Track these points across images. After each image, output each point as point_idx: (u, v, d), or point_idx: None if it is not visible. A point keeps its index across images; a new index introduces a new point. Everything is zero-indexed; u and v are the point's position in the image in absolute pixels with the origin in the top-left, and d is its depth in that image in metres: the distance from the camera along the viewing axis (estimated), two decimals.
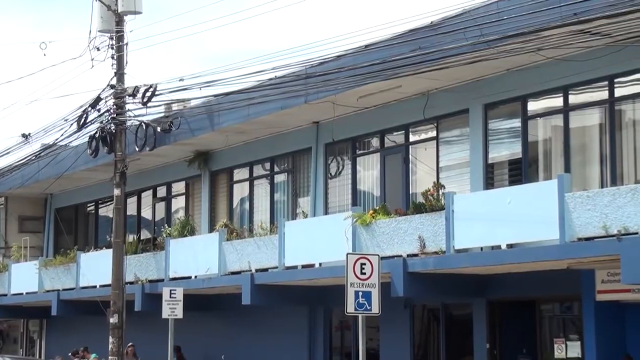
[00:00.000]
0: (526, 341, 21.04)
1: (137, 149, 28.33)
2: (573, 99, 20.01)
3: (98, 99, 27.95)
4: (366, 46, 21.52)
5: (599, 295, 18.69)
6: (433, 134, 23.09)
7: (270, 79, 23.75)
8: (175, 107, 28.42)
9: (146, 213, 34.04)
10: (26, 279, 35.63)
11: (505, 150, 21.41)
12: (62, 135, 29.23)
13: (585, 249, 17.23)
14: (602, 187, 18.69)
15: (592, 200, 17.16)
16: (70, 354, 32.22)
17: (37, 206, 40.28)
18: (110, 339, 27.47)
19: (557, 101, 20.33)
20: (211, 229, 29.11)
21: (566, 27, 17.53)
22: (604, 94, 19.37)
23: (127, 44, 27.65)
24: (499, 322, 21.48)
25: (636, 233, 16.24)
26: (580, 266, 18.40)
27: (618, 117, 19.18)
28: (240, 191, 29.56)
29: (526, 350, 21.10)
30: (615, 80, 19.09)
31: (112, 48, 27.60)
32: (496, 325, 21.47)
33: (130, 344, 27.50)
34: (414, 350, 23.48)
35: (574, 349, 19.72)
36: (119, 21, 27.51)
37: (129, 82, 27.58)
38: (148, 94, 26.77)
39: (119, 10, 27.38)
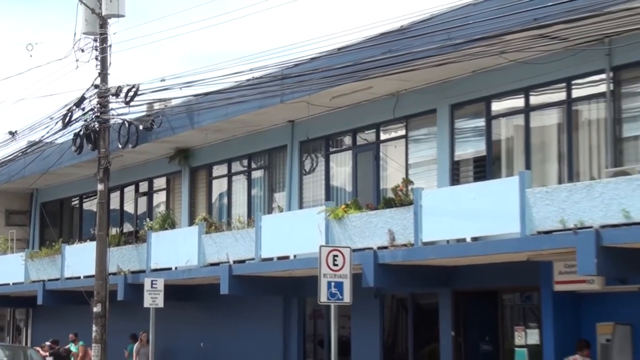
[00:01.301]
0: (488, 329, 21.13)
1: (120, 146, 28.18)
2: (533, 99, 20.11)
3: (82, 98, 27.89)
4: (339, 49, 21.60)
5: (557, 285, 18.75)
6: (402, 132, 23.16)
7: (248, 80, 23.75)
8: (156, 106, 28.36)
9: (129, 207, 34.03)
10: (13, 270, 35.60)
11: (471, 148, 21.49)
12: (47, 132, 29.18)
13: (544, 242, 17.35)
14: (559, 183, 18.77)
15: (551, 196, 17.28)
16: (49, 342, 32.20)
17: (23, 200, 40.21)
18: (94, 327, 27.50)
19: (518, 102, 20.42)
20: (191, 222, 29.17)
21: (527, 32, 17.64)
22: (562, 95, 19.51)
23: (110, 45, 27.60)
24: (464, 311, 21.53)
25: (591, 227, 16.34)
26: (539, 258, 18.48)
27: (575, 117, 19.32)
28: (218, 186, 29.61)
29: (488, 338, 21.18)
30: (573, 82, 19.22)
31: (96, 50, 27.52)
32: (461, 314, 21.52)
33: (143, 331, 27.42)
34: (383, 338, 23.56)
35: (533, 336, 19.79)
36: (103, 24, 27.46)
37: (113, 82, 27.53)
38: (131, 93, 26.71)
39: (103, 14, 27.33)
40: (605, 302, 18.78)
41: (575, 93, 19.27)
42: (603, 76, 18.56)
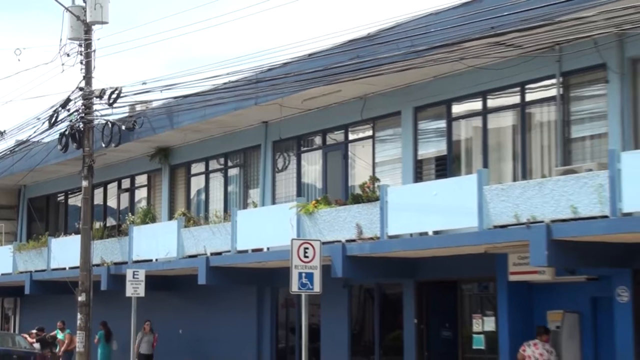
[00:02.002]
0: (449, 317, 21.27)
1: (103, 145, 28.18)
2: (490, 103, 20.22)
3: (68, 100, 27.82)
4: (310, 55, 21.67)
5: (511, 276, 18.89)
6: (369, 133, 23.26)
7: (224, 83, 23.81)
8: (138, 107, 28.31)
9: (112, 202, 33.99)
10: (2, 261, 35.55)
11: (433, 148, 21.57)
12: (34, 132, 29.07)
13: (500, 235, 17.45)
14: (514, 180, 18.90)
15: (506, 193, 17.37)
16: (35, 329, 32.17)
17: (11, 196, 40.03)
18: (79, 316, 27.51)
19: (477, 105, 20.55)
20: (170, 217, 29.19)
21: (484, 40, 17.73)
22: (516, 99, 19.64)
23: (94, 50, 27.56)
24: (426, 300, 21.64)
25: (542, 221, 16.47)
26: (496, 250, 18.61)
27: (528, 119, 19.44)
28: (197, 183, 29.62)
29: (448, 325, 21.31)
30: (526, 86, 19.35)
31: (81, 54, 27.45)
32: (423, 302, 21.63)
33: (147, 320, 27.35)
34: (351, 325, 23.68)
35: (489, 323, 20.01)
36: (88, 30, 27.43)
37: (97, 85, 27.45)
38: (114, 95, 26.67)
39: (88, 20, 27.32)
40: (555, 291, 18.99)
41: (529, 97, 19.41)
42: (553, 81, 18.71)
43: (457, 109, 21.04)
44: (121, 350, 30.12)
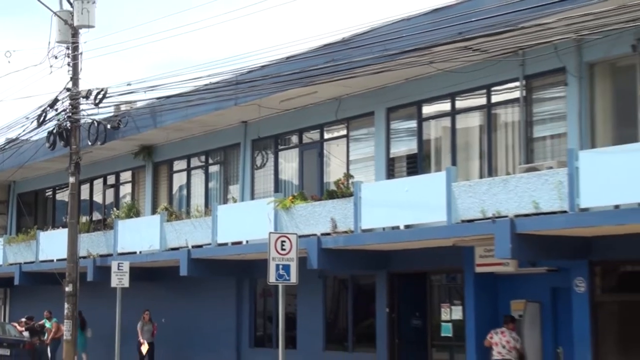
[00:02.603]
0: (418, 306, 21.34)
1: (89, 143, 28.04)
2: (458, 104, 20.31)
3: (56, 100, 27.67)
4: (287, 58, 21.66)
5: (478, 267, 18.98)
6: (344, 132, 23.31)
7: (206, 85, 23.72)
8: (123, 107, 28.14)
9: (97, 198, 33.85)
10: None
11: (404, 147, 21.64)
12: (24, 130, 28.85)
13: (467, 229, 17.54)
14: (480, 178, 18.98)
15: (473, 189, 17.48)
16: (24, 318, 32.07)
17: (1, 191, 39.64)
18: (66, 305, 27.38)
19: (446, 106, 20.61)
20: (154, 211, 29.12)
21: (453, 44, 17.79)
22: (483, 100, 19.73)
23: (81, 53, 27.41)
24: (397, 290, 21.69)
25: (506, 216, 16.57)
26: (463, 244, 18.67)
27: (494, 120, 19.55)
28: (179, 180, 29.58)
29: (418, 314, 21.39)
30: (492, 88, 19.45)
31: (68, 57, 27.27)
32: (394, 293, 21.69)
33: (146, 310, 27.14)
34: (326, 314, 23.74)
35: (457, 312, 20.12)
36: (75, 33, 27.27)
37: (83, 86, 27.25)
38: (99, 96, 26.48)
39: (75, 24, 27.15)
40: (518, 282, 19.13)
41: (494, 98, 19.51)
42: (517, 84, 18.83)
43: (427, 109, 21.11)
44: (96, 338, 30.17)
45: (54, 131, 28.05)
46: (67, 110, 27.48)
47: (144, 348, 25.51)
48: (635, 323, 17.01)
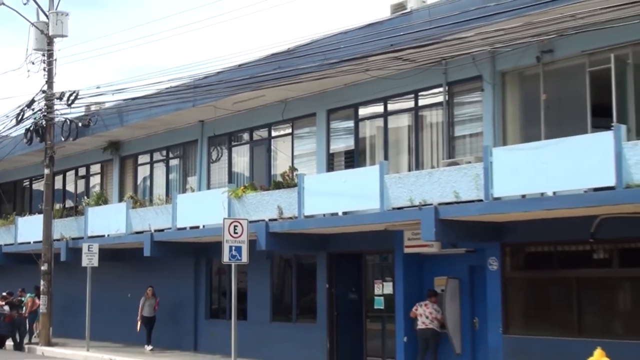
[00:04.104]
0: (355, 282, 21.37)
1: (62, 139, 27.83)
2: (390, 107, 20.31)
3: (32, 101, 27.54)
4: (239, 65, 21.61)
5: (406, 249, 19.01)
6: (289, 130, 23.24)
7: (167, 88, 23.63)
8: (93, 107, 28.01)
9: (70, 187, 33.42)
10: None
11: (342, 144, 21.61)
12: (4, 127, 28.90)
13: (397, 215, 17.55)
14: (409, 170, 19.05)
15: (402, 181, 17.51)
16: (4, 294, 31.59)
17: None
18: (42, 282, 27.33)
19: (379, 108, 20.63)
20: (120, 199, 28.86)
21: (385, 54, 17.89)
22: (411, 104, 19.75)
23: (55, 59, 27.34)
24: (335, 268, 21.68)
25: (431, 204, 16.65)
26: (394, 228, 18.69)
27: (420, 120, 19.59)
28: (143, 172, 29.33)
29: (354, 289, 21.42)
30: (419, 93, 19.48)
31: (44, 62, 27.22)
32: (333, 271, 21.67)
33: (150, 286, 26.27)
34: (273, 289, 23.68)
35: (388, 287, 20.17)
36: (50, 42, 27.15)
37: (57, 88, 27.35)
38: (72, 97, 26.47)
39: (50, 34, 27.04)
40: (441, 261, 19.20)
41: (421, 102, 19.53)
42: (441, 89, 18.88)
43: (363, 111, 21.13)
44: (68, 310, 29.92)
45: (31, 128, 27.94)
46: (43, 110, 27.37)
47: (139, 324, 25.19)
48: (538, 296, 17.23)
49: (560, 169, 14.66)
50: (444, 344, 18.82)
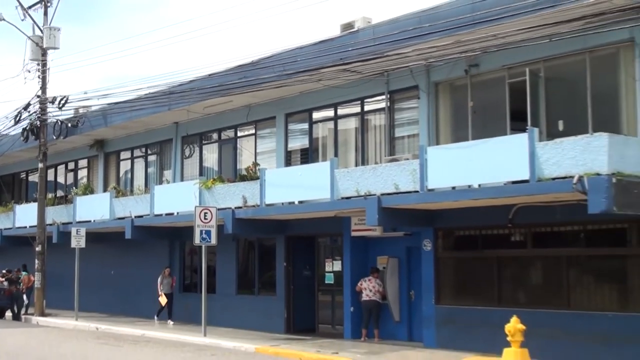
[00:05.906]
0: (309, 261, 21.34)
1: (54, 138, 27.45)
2: (340, 111, 20.27)
3: (28, 104, 27.29)
4: (209, 74, 21.46)
5: (353, 232, 19.07)
6: (253, 131, 23.07)
7: (146, 94, 23.41)
8: (81, 110, 27.82)
9: (61, 179, 32.88)
10: None
11: (299, 143, 21.53)
12: (4, 127, 28.63)
13: (345, 204, 17.48)
14: (356, 166, 19.02)
15: (350, 175, 17.47)
16: (4, 271, 30.94)
17: None
18: (36, 261, 26.89)
19: (330, 113, 20.58)
20: (105, 190, 28.40)
21: (336, 67, 17.90)
22: (358, 109, 19.71)
23: (49, 68, 27.04)
24: (292, 249, 21.64)
25: (375, 195, 16.61)
26: (343, 215, 18.71)
27: (366, 123, 19.59)
28: (124, 166, 28.90)
29: (308, 267, 21.40)
30: (365, 100, 19.45)
31: (39, 71, 26.93)
32: (290, 251, 21.62)
33: (167, 266, 25.13)
34: (238, 267, 23.54)
35: (337, 265, 20.19)
36: (44, 53, 26.80)
37: (50, 93, 27.13)
38: (63, 101, 26.35)
39: (44, 46, 26.67)
40: (383, 243, 19.27)
41: (367, 107, 19.52)
42: (383, 97, 18.87)
43: (316, 115, 21.06)
44: (60, 287, 29.38)
45: (27, 128, 27.64)
46: (37, 112, 27.08)
47: (162, 300, 24.36)
48: (465, 272, 17.35)
49: (485, 165, 14.72)
50: (385, 313, 18.89)
